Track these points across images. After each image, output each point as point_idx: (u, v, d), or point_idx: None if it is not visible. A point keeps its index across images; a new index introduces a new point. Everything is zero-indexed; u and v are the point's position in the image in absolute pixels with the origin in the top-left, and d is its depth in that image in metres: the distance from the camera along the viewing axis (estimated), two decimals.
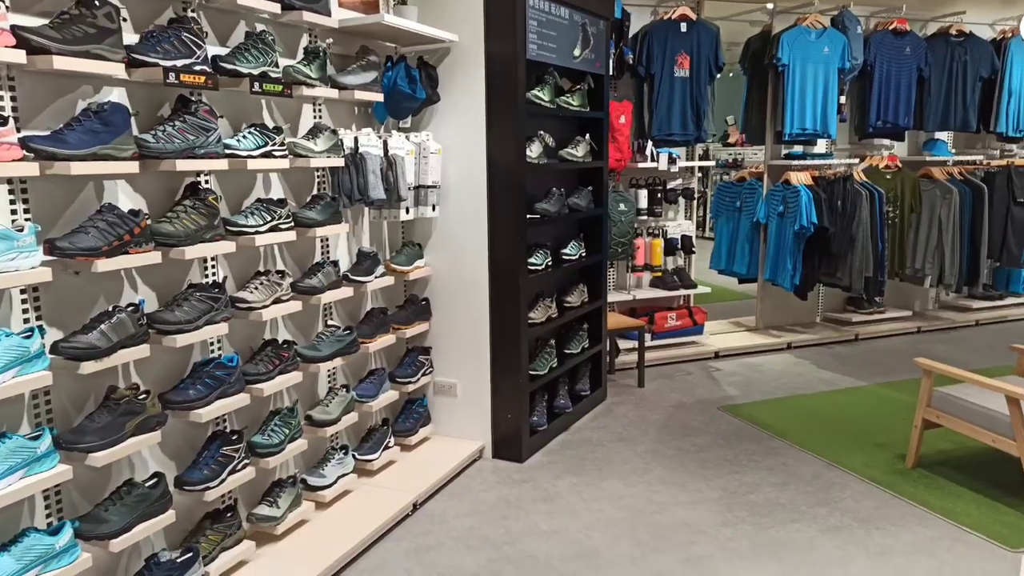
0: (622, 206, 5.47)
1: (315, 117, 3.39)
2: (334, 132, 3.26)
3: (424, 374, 3.95)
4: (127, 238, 2.35)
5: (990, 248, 6.55)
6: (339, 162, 3.28)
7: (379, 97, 3.50)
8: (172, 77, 2.45)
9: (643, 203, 5.74)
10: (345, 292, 3.35)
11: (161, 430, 2.47)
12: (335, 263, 3.37)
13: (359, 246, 3.68)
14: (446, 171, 3.94)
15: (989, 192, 6.44)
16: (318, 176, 3.43)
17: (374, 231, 3.86)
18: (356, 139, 3.44)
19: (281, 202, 3.03)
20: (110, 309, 2.35)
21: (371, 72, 3.46)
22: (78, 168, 2.16)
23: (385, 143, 3.60)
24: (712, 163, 7.41)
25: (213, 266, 2.86)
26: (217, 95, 2.86)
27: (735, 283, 6.84)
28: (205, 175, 2.81)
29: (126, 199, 2.54)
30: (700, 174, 6.15)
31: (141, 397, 2.44)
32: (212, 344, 2.88)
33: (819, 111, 5.89)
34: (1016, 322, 7.07)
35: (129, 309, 2.40)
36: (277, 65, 2.93)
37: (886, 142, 6.53)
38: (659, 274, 5.88)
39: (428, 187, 3.86)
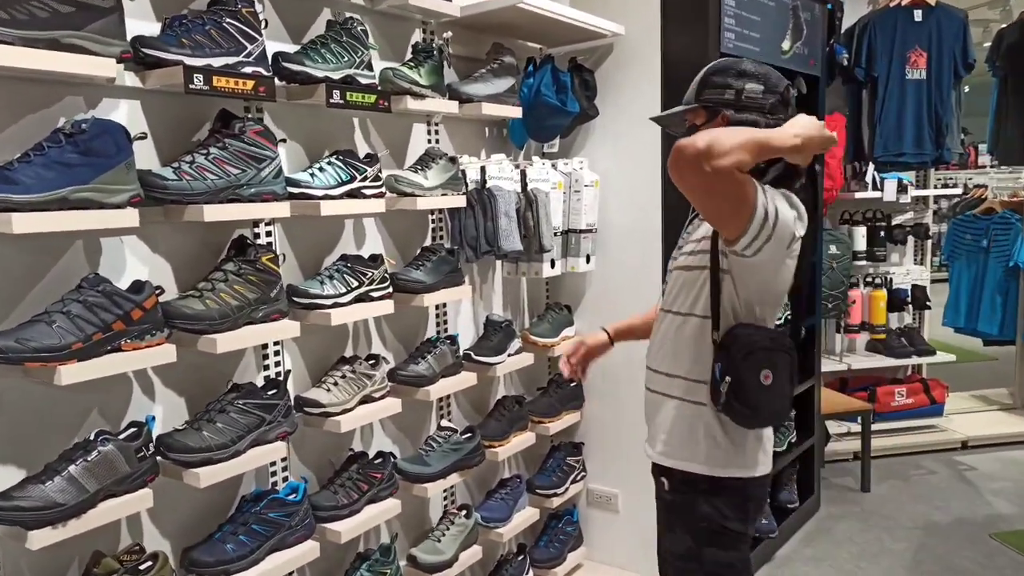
0: (834, 248, 4.20)
1: (429, 140, 2.51)
2: (452, 160, 2.36)
3: (574, 480, 2.92)
4: (119, 327, 1.52)
5: None
6: (459, 201, 2.37)
7: (517, 112, 2.57)
8: (199, 81, 1.63)
9: (860, 244, 4.43)
10: (466, 379, 2.42)
11: None
12: (452, 339, 2.44)
13: (487, 313, 2.74)
14: (605, 209, 2.93)
15: None
16: (432, 221, 2.54)
17: (507, 291, 2.91)
18: (484, 169, 2.52)
19: (375, 260, 2.15)
20: (92, 438, 1.53)
21: (506, 78, 2.54)
22: (31, 224, 1.37)
23: (523, 174, 2.65)
24: (957, 191, 5.81)
25: (276, 354, 2.01)
26: (285, 113, 2.03)
27: (974, 342, 5.28)
28: (266, 225, 1.97)
29: (139, 265, 1.74)
30: (936, 207, 4.74)
31: (144, 567, 1.59)
32: (273, 467, 2.02)
33: None
34: None
35: (123, 436, 1.57)
36: (370, 67, 2.07)
37: None
38: (881, 336, 4.51)
39: (581, 232, 2.87)
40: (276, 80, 1.84)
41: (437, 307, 2.55)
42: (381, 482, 2.13)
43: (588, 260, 2.91)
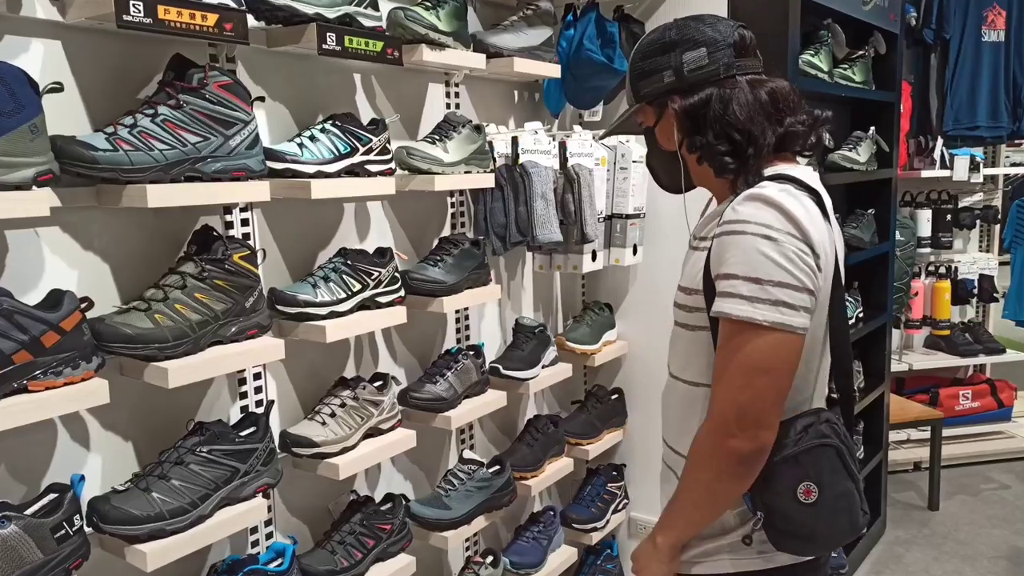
0: (898, 234, 3.72)
1: (447, 104, 2.04)
2: (478, 129, 1.89)
3: (615, 510, 2.48)
4: (22, 358, 1.07)
5: None
6: (487, 180, 1.91)
7: (555, 71, 2.10)
8: (137, 11, 1.16)
9: (924, 229, 3.95)
10: (494, 400, 1.97)
11: None
12: (477, 350, 1.99)
13: (517, 315, 2.28)
14: (654, 191, 2.45)
15: None
16: (452, 205, 2.07)
17: (539, 288, 2.44)
18: (515, 141, 2.05)
19: (382, 255, 1.69)
20: None
21: (541, 29, 2.07)
22: None
23: (563, 147, 2.18)
24: None
25: (257, 377, 1.56)
26: (265, 64, 1.57)
27: None
28: (242, 211, 1.51)
29: (64, 269, 1.28)
30: (1007, 187, 4.25)
31: None
32: (255, 529, 1.57)
33: None
34: None
35: (34, 510, 1.12)
36: (375, 6, 1.60)
37: None
38: (944, 332, 4.04)
39: (627, 217, 2.40)
40: (251, 17, 1.37)
41: (458, 311, 2.09)
42: (391, 534, 1.68)
43: (635, 251, 2.45)
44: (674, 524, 1.15)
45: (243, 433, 1.39)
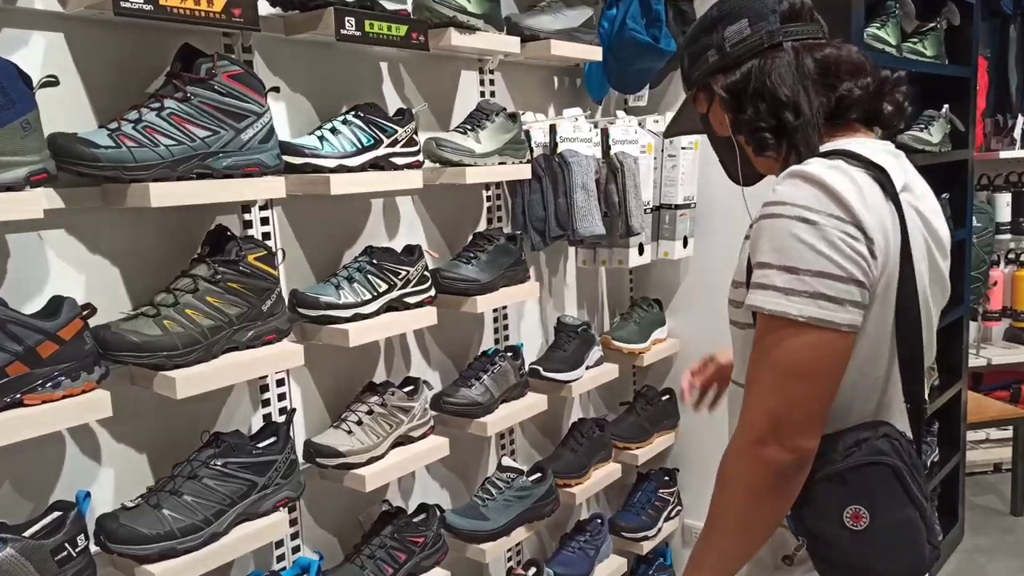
0: (975, 220, 3.46)
1: (482, 92, 1.93)
2: (512, 118, 1.78)
3: (668, 517, 2.34)
4: (17, 370, 1.01)
5: None
6: (522, 172, 1.79)
7: (596, 54, 1.97)
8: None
9: (1004, 214, 3.67)
10: (534, 404, 1.86)
11: None
12: (516, 351, 1.88)
13: (558, 313, 2.16)
14: (707, 179, 2.31)
15: None
16: (487, 199, 1.97)
17: (582, 285, 2.32)
18: (553, 129, 1.93)
19: (411, 253, 1.60)
20: None
21: (581, 9, 1.94)
22: None
23: (605, 135, 2.05)
24: None
25: (280, 383, 1.48)
26: (283, 53, 1.48)
27: None
28: (261, 210, 1.43)
29: (71, 273, 1.22)
30: None
31: None
32: (280, 542, 1.49)
33: None
34: None
35: (34, 531, 1.06)
36: None
37: None
38: None
39: (677, 207, 2.26)
40: (266, 3, 1.29)
41: (496, 310, 1.99)
42: (424, 547, 1.59)
43: (685, 244, 2.30)
44: (704, 562, 0.98)
45: (262, 444, 1.31)
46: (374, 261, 1.51)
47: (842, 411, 0.95)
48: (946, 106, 2.70)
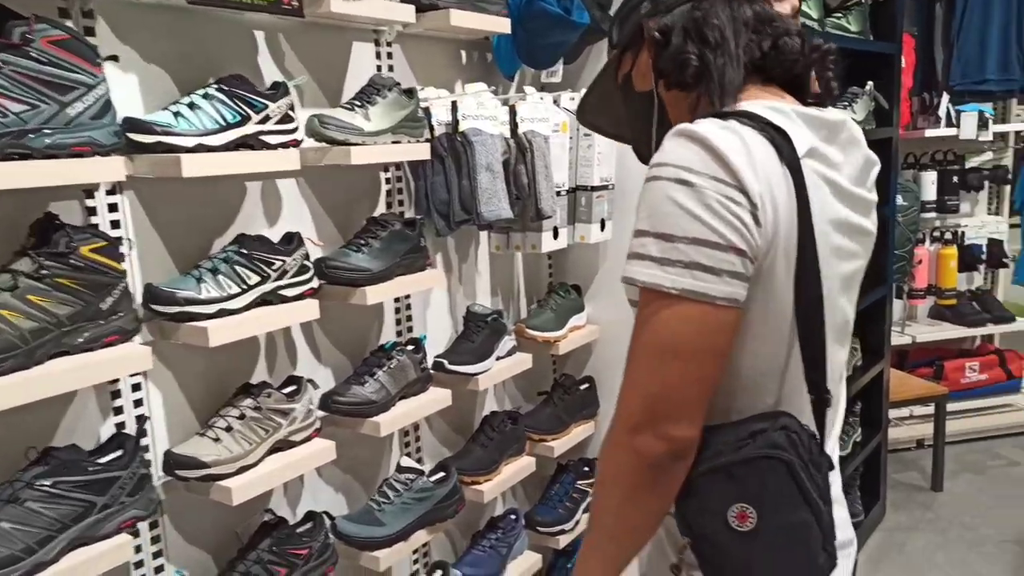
0: (900, 199, 3.46)
1: (379, 68, 1.79)
2: (408, 93, 1.65)
3: (587, 509, 2.27)
4: None
5: None
6: (419, 152, 1.67)
7: (503, 26, 1.85)
8: None
9: (929, 193, 3.68)
10: (436, 399, 1.75)
11: None
12: (416, 344, 1.77)
13: (469, 302, 2.05)
14: (626, 159, 2.21)
15: None
16: (386, 182, 1.84)
17: (497, 272, 2.21)
18: (455, 106, 1.80)
19: (288, 241, 1.46)
20: None
21: None
22: None
23: (513, 112, 1.94)
24: None
25: (136, 388, 1.34)
26: (133, 19, 1.32)
27: None
28: (109, 194, 1.28)
29: None
30: (1019, 145, 3.95)
31: None
32: (139, 553, 1.36)
33: None
34: None
35: None
36: None
37: None
38: (950, 301, 3.79)
39: (593, 189, 2.16)
40: None
41: (398, 301, 1.87)
42: (308, 559, 1.48)
43: (603, 227, 2.21)
44: (587, 565, 0.90)
45: (103, 459, 1.17)
46: (243, 251, 1.37)
47: (736, 399, 0.87)
48: (870, 83, 2.66)
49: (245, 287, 1.35)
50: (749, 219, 0.79)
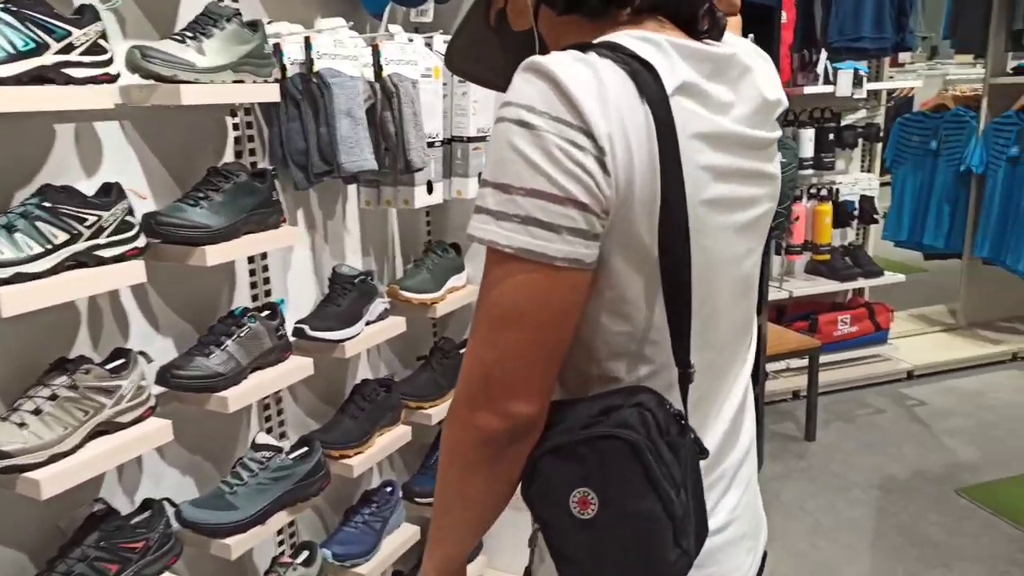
0: (780, 156, 3.50)
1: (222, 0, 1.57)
2: (252, 26, 1.46)
3: None
4: None
5: None
6: (264, 92, 1.49)
7: None
8: None
9: (807, 150, 3.76)
10: (296, 369, 1.60)
11: None
12: (272, 310, 1.61)
13: (336, 263, 1.89)
14: None
15: None
16: (236, 127, 1.64)
17: (369, 229, 2.06)
18: (308, 43, 1.62)
19: (106, 193, 1.26)
20: None
21: None
22: None
23: (376, 53, 1.77)
24: (918, 83, 4.89)
25: None
26: None
27: (912, 256, 4.84)
28: None
29: None
30: (892, 104, 4.10)
31: None
32: None
33: None
34: None
35: None
36: None
37: None
38: (824, 257, 3.93)
39: (470, 140, 2.03)
40: None
41: (252, 261, 1.69)
42: (146, 552, 1.32)
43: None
44: (436, 541, 0.82)
45: None
46: (47, 204, 1.17)
47: (596, 371, 0.78)
48: (751, 35, 2.63)
49: (50, 247, 1.16)
50: (595, 166, 0.68)
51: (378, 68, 1.75)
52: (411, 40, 1.87)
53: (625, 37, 0.75)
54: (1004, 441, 3.34)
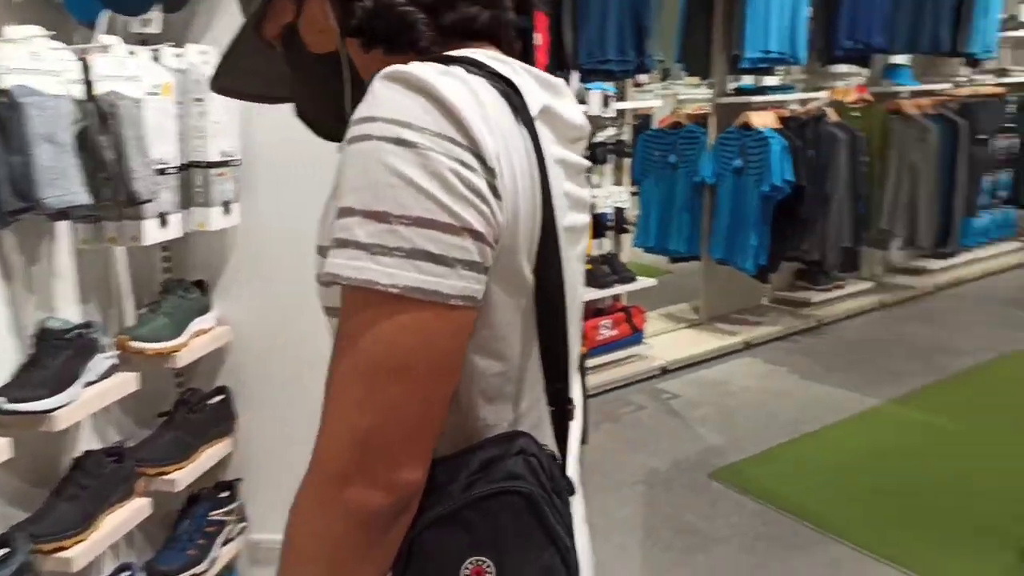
0: None
1: None
2: None
3: (227, 541, 1.95)
4: None
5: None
6: None
7: None
8: None
9: None
10: None
11: None
12: None
13: (44, 316, 1.58)
14: (253, 128, 1.89)
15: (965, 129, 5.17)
16: None
17: (87, 272, 1.75)
18: None
19: None
20: None
21: None
22: None
23: (86, 68, 1.49)
24: (657, 103, 5.42)
25: None
26: None
27: (658, 260, 5.28)
28: None
29: None
30: (636, 122, 4.42)
31: None
32: None
33: (786, 28, 4.29)
34: (974, 282, 5.99)
35: None
36: None
37: (852, 68, 5.10)
38: (587, 266, 4.12)
39: (211, 166, 1.81)
40: None
41: None
42: None
43: (227, 209, 1.87)
44: None
45: None
46: None
47: (463, 422, 0.67)
48: None
49: None
50: (487, 190, 0.60)
51: (89, 89, 1.48)
52: (132, 53, 1.61)
53: (481, 55, 0.68)
54: (743, 424, 3.71)
